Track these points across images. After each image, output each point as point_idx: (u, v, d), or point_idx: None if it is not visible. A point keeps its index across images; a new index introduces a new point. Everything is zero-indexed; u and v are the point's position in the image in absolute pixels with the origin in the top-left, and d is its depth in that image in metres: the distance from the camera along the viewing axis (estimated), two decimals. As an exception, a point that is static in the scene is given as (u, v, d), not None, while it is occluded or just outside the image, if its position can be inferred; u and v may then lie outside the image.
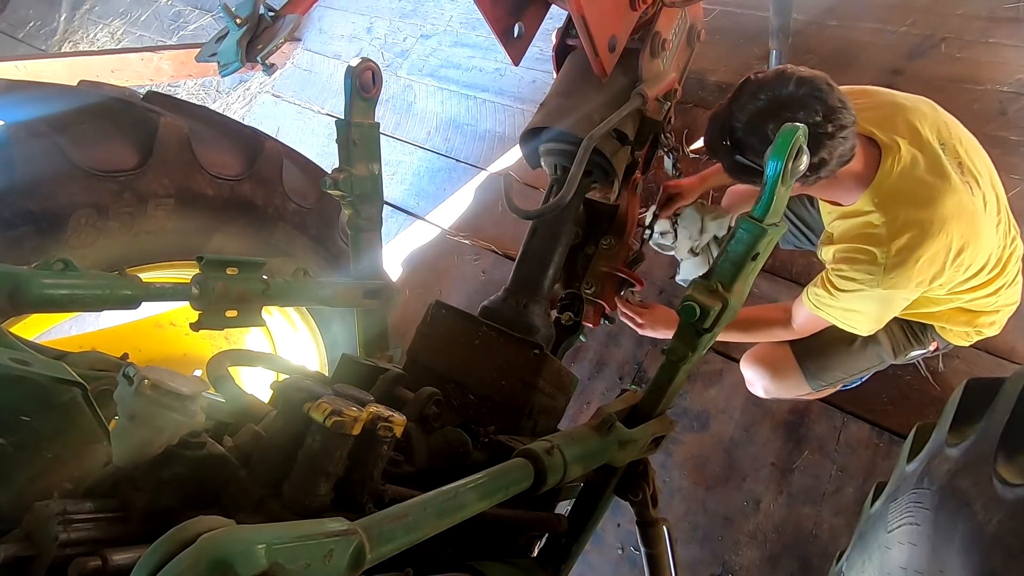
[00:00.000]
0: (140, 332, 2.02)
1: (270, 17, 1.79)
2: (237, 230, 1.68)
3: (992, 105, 2.44)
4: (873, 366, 1.87)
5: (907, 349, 1.83)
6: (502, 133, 3.31)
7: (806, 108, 1.27)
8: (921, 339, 1.82)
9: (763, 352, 1.92)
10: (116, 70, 3.44)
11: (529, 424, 1.35)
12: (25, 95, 1.47)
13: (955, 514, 0.77)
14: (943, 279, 1.47)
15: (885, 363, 1.87)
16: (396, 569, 0.78)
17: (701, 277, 0.97)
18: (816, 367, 1.83)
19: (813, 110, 1.27)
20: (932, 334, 1.81)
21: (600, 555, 2.24)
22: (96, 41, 4.90)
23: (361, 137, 1.33)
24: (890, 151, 1.43)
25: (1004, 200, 1.60)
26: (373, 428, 0.83)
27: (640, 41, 1.66)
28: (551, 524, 1.18)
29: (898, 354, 1.84)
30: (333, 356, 1.97)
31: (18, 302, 0.92)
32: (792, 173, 0.90)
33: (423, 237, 3.19)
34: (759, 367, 1.91)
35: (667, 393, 1.08)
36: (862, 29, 2.80)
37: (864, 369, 1.87)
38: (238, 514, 0.79)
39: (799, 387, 1.88)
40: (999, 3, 2.61)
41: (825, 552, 2.01)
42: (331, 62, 4.04)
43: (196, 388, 0.76)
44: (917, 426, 1.05)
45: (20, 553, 0.66)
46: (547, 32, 1.81)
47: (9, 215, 1.31)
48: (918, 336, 1.82)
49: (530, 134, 1.72)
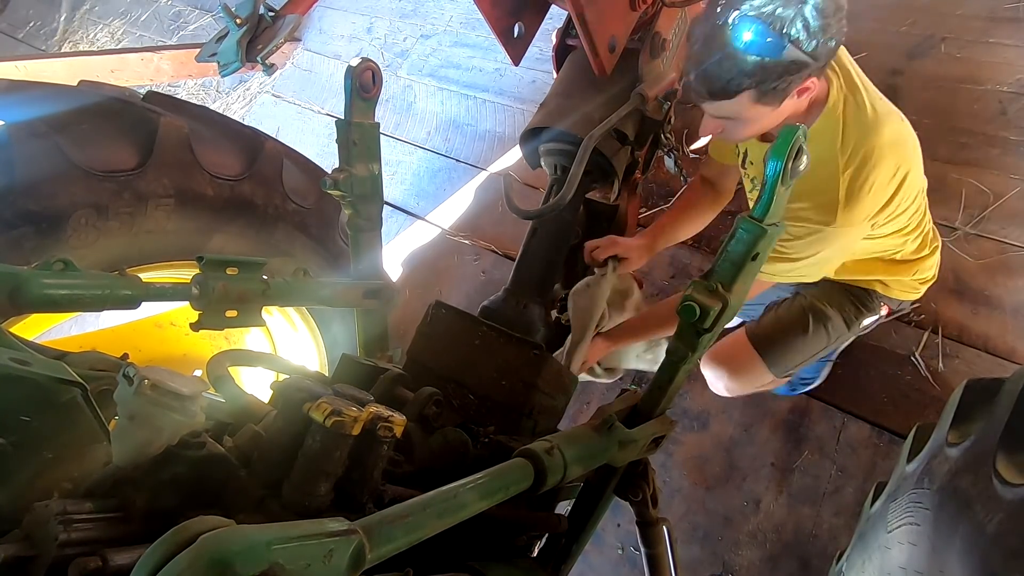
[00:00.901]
0: (140, 332, 2.02)
1: (270, 17, 1.79)
2: (237, 230, 1.69)
3: (992, 105, 2.44)
4: (829, 344, 1.86)
5: (859, 318, 1.83)
6: (502, 133, 3.31)
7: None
8: (870, 305, 1.82)
9: (720, 350, 1.90)
10: (116, 70, 3.45)
11: (529, 424, 1.35)
12: (25, 95, 1.47)
13: (955, 514, 0.77)
14: (890, 209, 1.46)
15: (842, 339, 1.87)
16: (396, 569, 0.78)
17: (701, 276, 0.97)
18: (776, 354, 1.82)
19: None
20: (878, 297, 1.81)
21: (600, 555, 2.24)
22: (96, 41, 4.90)
23: (361, 137, 1.33)
24: (831, 82, 1.41)
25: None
26: (373, 428, 0.83)
27: (640, 41, 1.67)
28: (551, 524, 1.18)
29: (851, 325, 1.83)
30: (333, 356, 1.97)
31: (18, 302, 0.92)
32: (792, 173, 0.90)
33: (423, 237, 3.19)
34: (718, 366, 1.89)
35: (667, 393, 1.08)
36: (862, 29, 2.79)
37: (823, 348, 1.85)
38: (238, 514, 0.79)
39: (762, 377, 1.87)
40: (999, 3, 2.61)
41: (825, 552, 2.01)
42: (331, 62, 4.04)
43: (196, 388, 0.76)
44: (917, 426, 1.05)
45: (20, 553, 0.66)
46: (547, 32, 1.81)
47: (9, 215, 1.31)
48: (865, 302, 1.81)
49: (530, 134, 1.72)
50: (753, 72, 1.22)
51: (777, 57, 1.20)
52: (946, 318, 2.19)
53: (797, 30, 1.17)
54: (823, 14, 1.18)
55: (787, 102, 1.31)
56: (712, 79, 1.26)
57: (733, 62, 1.22)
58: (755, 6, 1.18)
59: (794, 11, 1.17)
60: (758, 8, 1.17)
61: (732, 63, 1.22)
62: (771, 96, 1.28)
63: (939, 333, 2.17)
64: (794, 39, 1.18)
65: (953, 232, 2.28)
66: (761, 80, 1.23)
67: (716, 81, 1.26)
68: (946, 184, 2.36)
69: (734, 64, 1.22)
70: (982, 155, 2.37)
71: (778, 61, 1.20)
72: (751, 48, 1.19)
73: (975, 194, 2.31)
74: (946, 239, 2.28)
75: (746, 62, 1.21)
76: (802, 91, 1.30)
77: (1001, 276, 2.18)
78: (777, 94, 1.27)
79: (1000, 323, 2.13)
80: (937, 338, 2.17)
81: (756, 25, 1.17)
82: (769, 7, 1.17)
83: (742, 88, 1.25)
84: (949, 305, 2.20)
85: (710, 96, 1.30)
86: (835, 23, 1.21)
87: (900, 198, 1.46)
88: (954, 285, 2.22)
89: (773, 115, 1.34)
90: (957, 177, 2.36)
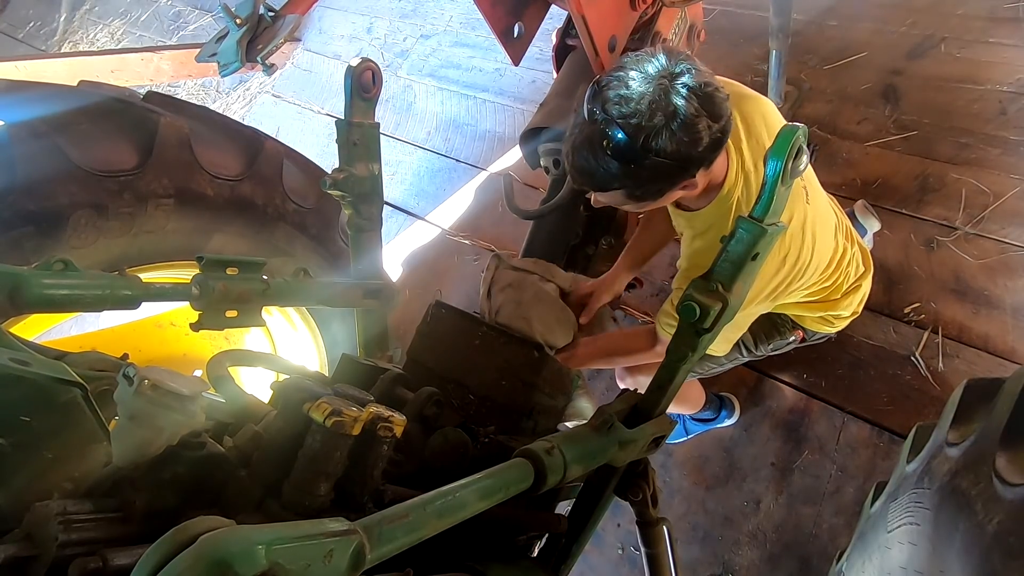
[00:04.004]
0: (140, 332, 2.02)
1: (270, 17, 1.79)
2: (237, 230, 1.68)
3: (992, 105, 2.44)
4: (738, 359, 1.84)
5: (769, 340, 1.80)
6: (502, 133, 3.31)
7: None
8: (781, 330, 1.79)
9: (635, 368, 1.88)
10: (116, 70, 3.44)
11: (529, 424, 1.35)
12: (25, 95, 1.47)
13: (955, 514, 0.77)
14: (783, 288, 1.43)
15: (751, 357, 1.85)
16: (396, 569, 0.78)
17: (701, 277, 0.97)
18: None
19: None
20: (790, 323, 1.78)
21: (600, 555, 2.24)
22: (96, 41, 4.90)
23: (361, 137, 1.33)
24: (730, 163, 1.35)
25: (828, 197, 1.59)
26: (373, 428, 0.83)
27: (640, 41, 1.67)
28: (551, 524, 1.18)
29: (760, 346, 1.81)
30: (333, 356, 1.97)
31: (18, 302, 0.92)
32: (792, 173, 0.90)
33: (423, 237, 3.19)
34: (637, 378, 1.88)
35: (667, 393, 1.08)
36: (862, 29, 2.80)
37: (732, 359, 1.83)
38: (238, 514, 0.79)
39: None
40: (999, 3, 2.61)
41: (825, 552, 2.01)
42: (331, 62, 4.04)
43: (196, 388, 0.76)
44: (917, 426, 1.05)
45: (20, 553, 0.66)
46: (547, 32, 1.81)
47: (9, 215, 1.31)
48: (778, 327, 1.79)
49: (530, 134, 1.72)
50: (620, 176, 1.18)
51: (641, 165, 1.15)
52: (946, 318, 2.19)
53: (661, 143, 1.12)
54: (692, 128, 1.12)
55: (672, 193, 1.26)
56: (584, 174, 1.23)
57: (600, 163, 1.17)
58: (623, 113, 1.12)
59: (661, 123, 1.11)
60: (625, 116, 1.12)
61: (599, 164, 1.18)
62: (644, 196, 1.24)
63: (939, 333, 2.17)
64: (658, 150, 1.13)
65: (953, 232, 2.28)
66: (628, 184, 1.20)
67: (588, 177, 1.23)
68: (946, 184, 2.37)
69: (601, 166, 1.18)
70: (982, 155, 2.37)
71: (643, 168, 1.16)
72: (615, 154, 1.15)
73: (975, 194, 2.31)
74: (946, 239, 2.29)
75: (612, 165, 1.17)
76: (686, 186, 1.25)
77: (1001, 276, 2.18)
78: (650, 194, 1.24)
79: (1000, 323, 2.13)
80: (937, 338, 2.17)
81: (619, 134, 1.13)
82: (635, 119, 1.11)
83: (612, 187, 1.23)
84: (949, 305, 2.20)
85: (585, 186, 1.28)
86: (708, 136, 1.14)
87: (790, 279, 1.42)
88: (954, 285, 2.22)
89: (657, 204, 1.30)
90: (957, 177, 2.36)
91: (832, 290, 1.63)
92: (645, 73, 1.13)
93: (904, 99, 2.58)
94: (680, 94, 1.11)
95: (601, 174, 1.20)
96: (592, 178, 1.23)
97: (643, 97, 1.12)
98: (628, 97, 1.12)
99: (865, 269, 1.71)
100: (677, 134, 1.12)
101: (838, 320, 1.75)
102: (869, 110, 2.61)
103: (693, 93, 1.12)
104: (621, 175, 1.18)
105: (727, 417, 2.26)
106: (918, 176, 2.43)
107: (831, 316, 1.72)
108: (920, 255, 2.30)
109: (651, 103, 1.11)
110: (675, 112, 1.11)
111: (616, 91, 1.14)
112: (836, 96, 2.66)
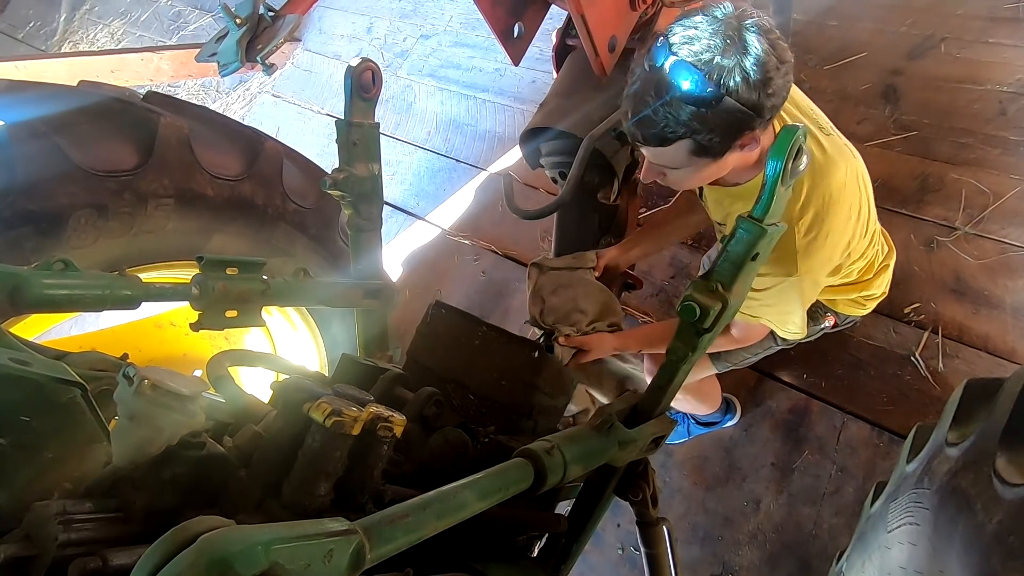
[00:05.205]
0: (140, 332, 2.02)
1: (270, 17, 1.79)
2: (237, 230, 1.69)
3: (992, 105, 2.44)
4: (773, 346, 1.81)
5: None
6: (502, 133, 3.31)
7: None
8: (815, 316, 1.77)
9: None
10: (116, 70, 3.44)
11: (529, 424, 1.35)
12: (25, 95, 1.47)
13: (955, 514, 0.77)
14: (851, 248, 1.44)
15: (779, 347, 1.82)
16: (396, 569, 0.78)
17: (701, 277, 0.98)
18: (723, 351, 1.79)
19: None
20: (822, 309, 1.78)
21: (600, 555, 2.24)
22: (96, 41, 4.90)
23: (361, 137, 1.33)
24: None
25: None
26: (373, 428, 0.83)
27: (640, 41, 1.66)
28: (551, 524, 1.18)
29: None
30: (333, 356, 1.97)
31: (18, 302, 0.92)
32: (792, 173, 0.90)
33: (423, 237, 3.19)
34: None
35: (667, 393, 1.08)
36: (862, 29, 2.80)
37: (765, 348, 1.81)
38: (238, 514, 0.79)
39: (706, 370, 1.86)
40: (999, 3, 2.61)
41: (825, 552, 2.01)
42: (331, 62, 4.04)
43: (196, 388, 0.76)
44: (917, 426, 1.05)
45: (20, 553, 0.66)
46: (547, 32, 1.81)
47: (9, 215, 1.31)
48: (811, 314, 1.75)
49: (530, 134, 1.72)
50: (689, 122, 1.13)
51: (714, 108, 1.12)
52: (946, 318, 2.19)
53: (736, 82, 1.09)
54: (764, 68, 1.10)
55: (731, 155, 1.22)
56: (647, 126, 1.18)
57: (668, 110, 1.13)
58: (694, 52, 1.10)
59: (734, 62, 1.09)
60: (696, 55, 1.09)
61: (667, 111, 1.13)
62: (709, 148, 1.19)
63: (939, 333, 2.17)
64: (732, 90, 1.10)
65: (953, 232, 2.28)
66: (697, 131, 1.15)
67: (651, 128, 1.17)
68: (946, 184, 2.37)
69: (669, 112, 1.13)
70: (982, 155, 2.37)
71: (715, 112, 1.12)
72: (687, 97, 1.11)
73: (975, 194, 2.31)
74: (946, 239, 2.28)
75: (682, 111, 1.12)
76: (746, 144, 1.21)
77: (1001, 276, 2.18)
78: (716, 147, 1.19)
79: (1000, 323, 2.13)
80: (937, 338, 2.17)
81: (693, 73, 1.10)
82: (707, 54, 1.09)
83: (677, 137, 1.17)
84: (949, 305, 2.20)
85: (645, 143, 1.22)
86: (778, 78, 1.13)
87: (858, 235, 1.43)
88: (954, 285, 2.22)
89: (715, 167, 1.25)
90: (957, 177, 2.36)
91: (866, 269, 1.64)
92: (712, 16, 1.12)
93: (904, 99, 2.58)
94: (752, 31, 1.11)
95: (669, 122, 1.14)
96: (658, 129, 1.17)
97: (715, 34, 1.10)
98: (698, 37, 1.11)
99: (889, 248, 1.73)
100: (751, 74, 1.10)
101: (869, 301, 1.76)
102: (869, 110, 2.61)
103: (763, 33, 1.11)
104: (691, 119, 1.13)
105: (730, 419, 2.27)
106: (918, 176, 2.43)
107: (863, 297, 1.73)
108: (920, 255, 2.30)
109: (725, 38, 1.10)
110: (747, 49, 1.09)
111: (684, 34, 1.12)
112: (836, 96, 2.66)
